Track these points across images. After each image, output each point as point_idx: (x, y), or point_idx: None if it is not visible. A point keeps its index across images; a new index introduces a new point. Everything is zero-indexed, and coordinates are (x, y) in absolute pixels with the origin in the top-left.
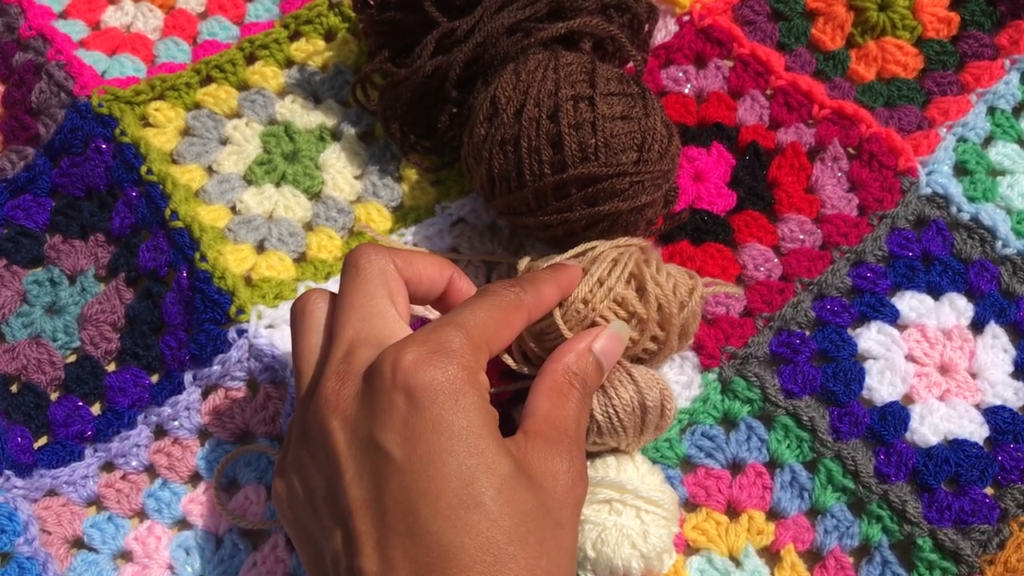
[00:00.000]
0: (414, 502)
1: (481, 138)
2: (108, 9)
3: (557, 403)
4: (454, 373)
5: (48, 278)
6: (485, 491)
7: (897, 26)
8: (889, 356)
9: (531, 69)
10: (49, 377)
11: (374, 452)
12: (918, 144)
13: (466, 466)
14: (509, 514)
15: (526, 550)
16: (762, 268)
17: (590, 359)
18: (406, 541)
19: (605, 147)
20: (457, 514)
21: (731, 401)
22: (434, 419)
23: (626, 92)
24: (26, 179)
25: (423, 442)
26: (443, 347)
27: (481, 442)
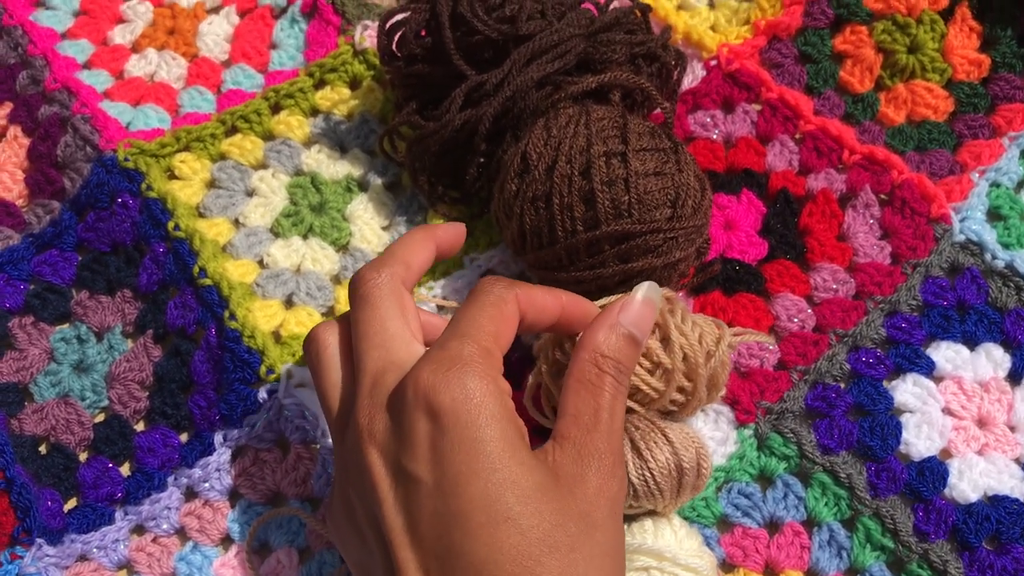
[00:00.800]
0: (447, 525)
1: (512, 194)
2: (132, 58)
3: (586, 397)
4: (473, 386)
5: (75, 335)
6: (512, 506)
7: (927, 68)
8: (926, 410)
9: (562, 125)
10: (78, 438)
11: (406, 479)
12: (950, 190)
13: (492, 483)
14: (538, 525)
15: (559, 558)
16: (796, 319)
17: (620, 333)
18: (444, 563)
19: (639, 204)
20: (487, 531)
21: (767, 457)
22: (458, 440)
23: (659, 147)
24: (52, 234)
25: (450, 464)
26: (456, 361)
27: (505, 456)
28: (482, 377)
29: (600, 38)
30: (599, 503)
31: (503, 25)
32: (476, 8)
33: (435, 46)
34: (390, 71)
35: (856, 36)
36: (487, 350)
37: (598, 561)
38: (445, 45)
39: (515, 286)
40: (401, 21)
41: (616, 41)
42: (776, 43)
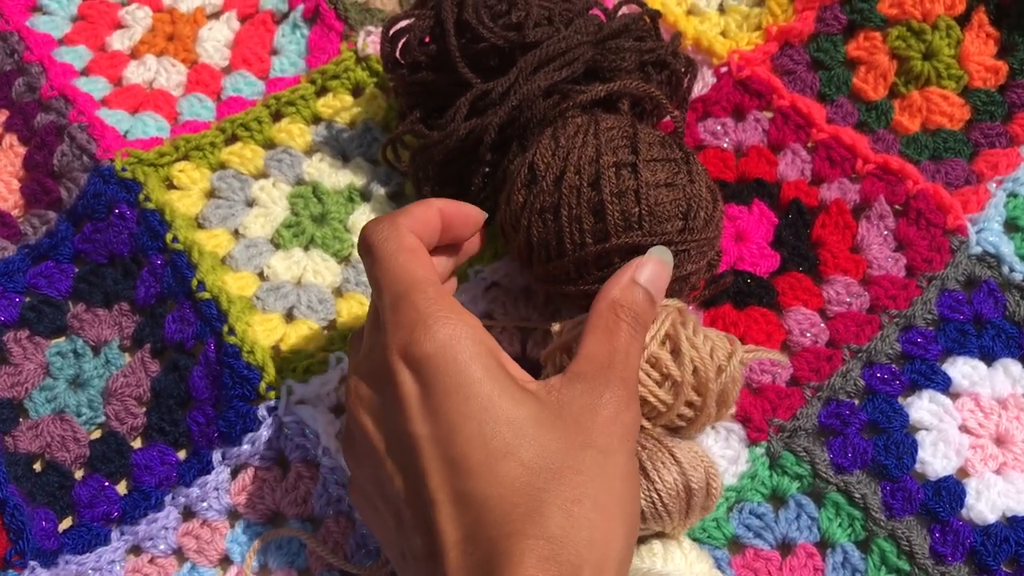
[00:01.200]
0: (447, 474)
1: (519, 205)
2: (130, 65)
3: (603, 339)
4: (443, 335)
5: (72, 349)
6: (510, 440)
7: (942, 75)
8: (942, 427)
9: (570, 134)
10: (74, 455)
11: (405, 440)
12: (967, 200)
13: (486, 422)
14: (538, 455)
15: (564, 484)
16: (808, 334)
17: (637, 291)
18: (451, 509)
19: (649, 215)
20: (487, 469)
21: (780, 477)
22: (444, 390)
23: (669, 157)
24: (48, 245)
25: (441, 414)
26: (417, 317)
27: (494, 394)
28: (445, 323)
29: (608, 45)
30: (611, 431)
31: (509, 32)
32: (482, 15)
33: (439, 53)
34: (393, 79)
35: (870, 42)
36: (436, 293)
37: (609, 484)
38: (450, 53)
39: (396, 220)
40: (405, 28)
41: (625, 48)
42: (788, 49)
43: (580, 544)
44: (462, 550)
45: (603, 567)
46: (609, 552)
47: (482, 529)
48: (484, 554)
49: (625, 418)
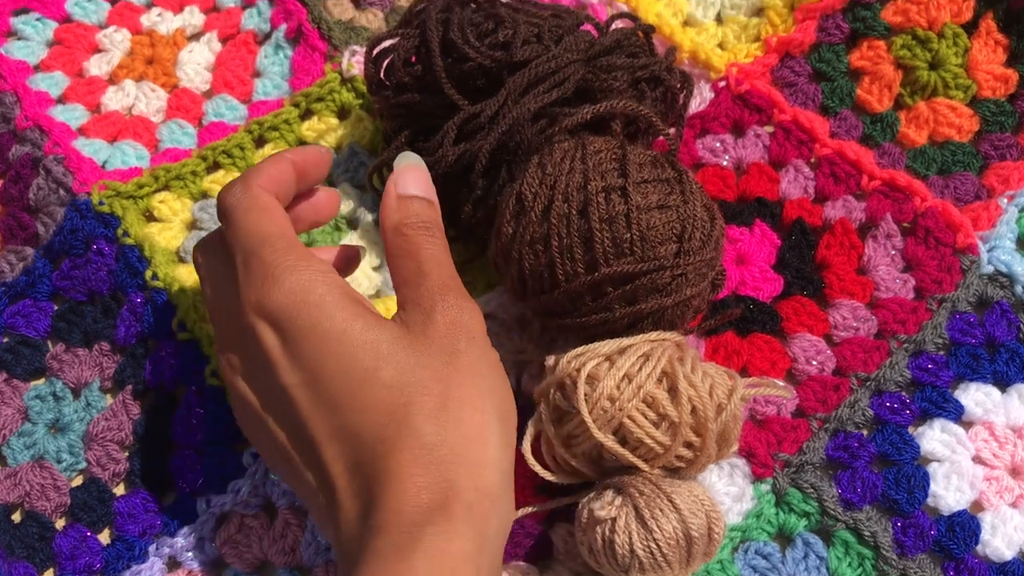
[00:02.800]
0: (318, 412)
1: (509, 238)
2: (108, 90)
3: (406, 262)
4: (291, 283)
5: (51, 392)
6: (368, 365)
7: (950, 85)
8: (955, 458)
9: (557, 161)
10: (54, 504)
11: (278, 393)
12: (977, 217)
13: (342, 356)
14: (396, 374)
15: (426, 393)
16: (814, 361)
17: (411, 203)
18: (329, 446)
19: (641, 240)
20: (353, 399)
21: (786, 514)
22: (301, 335)
23: (661, 178)
24: (26, 283)
25: (302, 359)
26: (263, 271)
27: (348, 326)
28: (292, 269)
29: (600, 63)
30: (455, 335)
31: (496, 52)
32: (467, 34)
33: (425, 74)
34: (378, 100)
35: (874, 52)
36: (285, 246)
37: (469, 381)
38: (436, 73)
39: (248, 180)
40: (389, 48)
41: (617, 66)
42: (788, 61)
43: (455, 443)
44: (348, 480)
45: (482, 459)
46: (486, 445)
47: (361, 454)
48: (366, 477)
49: (463, 318)
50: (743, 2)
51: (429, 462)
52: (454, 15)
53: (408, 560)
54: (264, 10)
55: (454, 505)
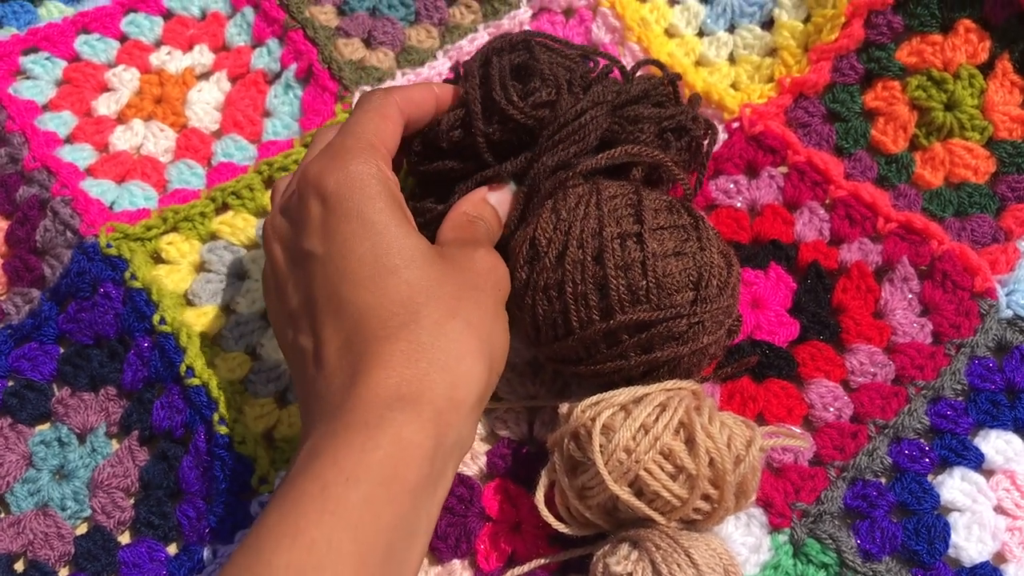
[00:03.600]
0: (336, 284)
1: (522, 283)
2: (117, 130)
3: (463, 231)
4: (355, 169)
5: (56, 437)
6: (399, 262)
7: (965, 126)
8: (976, 508)
9: (571, 206)
10: (58, 553)
11: (303, 257)
12: (995, 260)
13: (378, 244)
14: (422, 277)
15: (441, 303)
16: (831, 408)
17: (486, 207)
18: (334, 318)
19: (657, 288)
20: (373, 282)
21: (804, 566)
22: (344, 213)
23: (677, 224)
24: (31, 326)
25: (338, 234)
26: (339, 152)
27: (391, 226)
28: (364, 162)
29: (626, 113)
30: (487, 278)
31: (539, 111)
32: (510, 93)
33: (463, 140)
34: (409, 166)
35: (888, 92)
36: (370, 144)
37: (481, 313)
38: (475, 138)
39: (392, 92)
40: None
41: (644, 117)
42: (802, 101)
43: (447, 352)
44: (339, 353)
45: (463, 377)
46: (472, 367)
47: (359, 333)
48: (357, 355)
49: (498, 272)
50: (756, 42)
51: (418, 359)
52: (493, 69)
53: (374, 438)
54: (274, 49)
55: (424, 404)
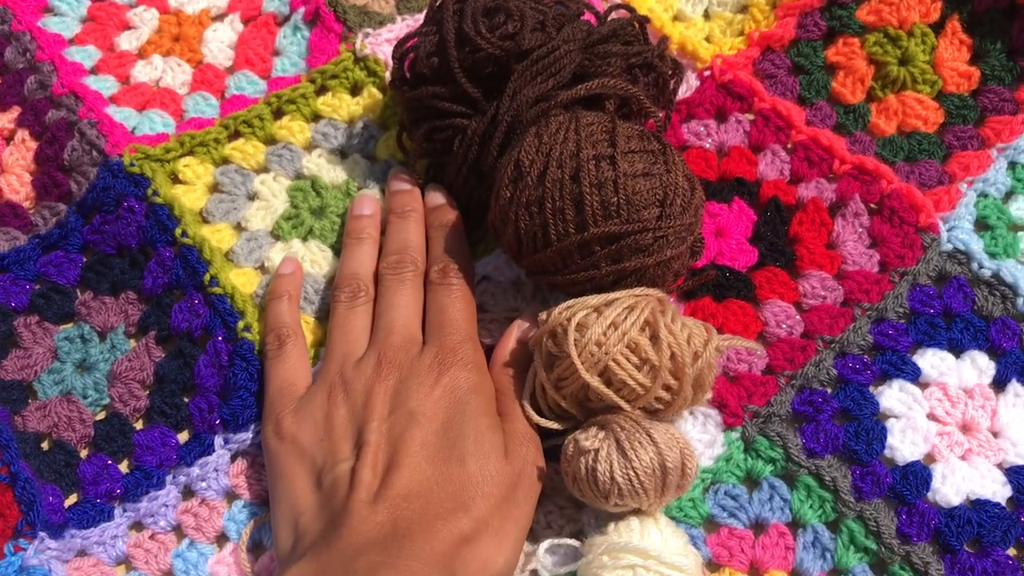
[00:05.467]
0: (437, 451)
1: (507, 200)
2: (137, 64)
3: (503, 399)
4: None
5: (79, 335)
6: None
7: (917, 80)
8: (911, 415)
9: (552, 132)
10: (79, 435)
11: (408, 411)
12: (939, 200)
13: (481, 438)
14: (495, 476)
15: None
16: (784, 325)
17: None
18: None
19: (627, 204)
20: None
21: (754, 460)
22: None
23: (647, 149)
24: (58, 236)
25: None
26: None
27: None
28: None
29: (597, 50)
30: (533, 474)
31: (506, 41)
32: (480, 26)
33: (441, 66)
34: (398, 95)
35: (848, 48)
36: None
37: (525, 507)
38: (450, 64)
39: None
40: (411, 47)
41: (613, 53)
42: (769, 54)
43: (479, 559)
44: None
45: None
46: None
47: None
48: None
49: (528, 465)
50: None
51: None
52: (467, 7)
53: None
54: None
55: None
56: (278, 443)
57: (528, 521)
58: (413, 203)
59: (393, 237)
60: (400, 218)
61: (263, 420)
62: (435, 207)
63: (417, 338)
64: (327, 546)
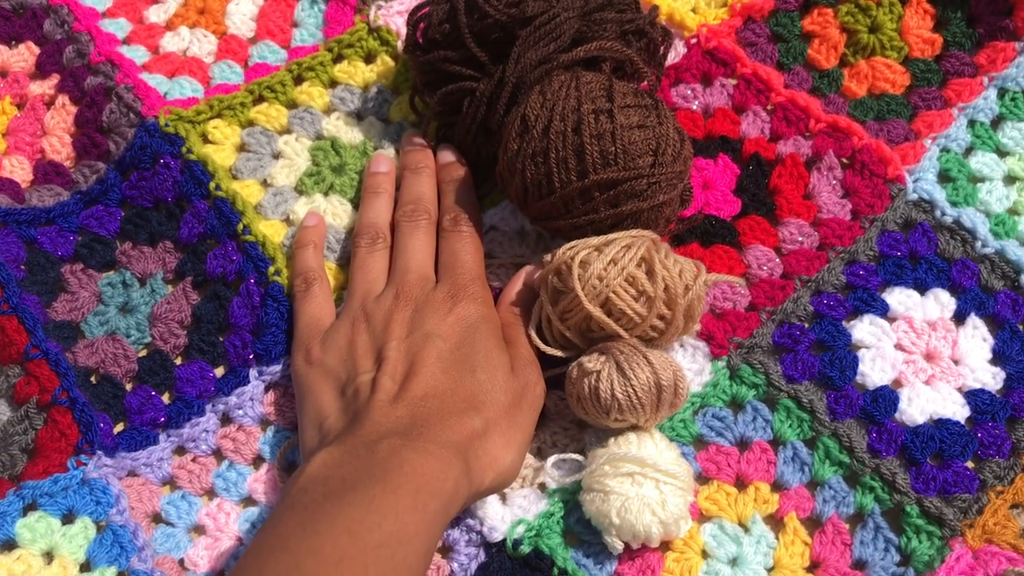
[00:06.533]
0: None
1: (514, 152)
2: (166, 35)
3: (508, 331)
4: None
5: (120, 280)
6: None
7: (886, 47)
8: (880, 345)
9: (555, 89)
10: (124, 369)
11: (425, 332)
12: (905, 154)
13: (491, 354)
14: (504, 388)
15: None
16: (765, 267)
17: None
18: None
19: (624, 153)
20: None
21: (738, 386)
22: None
23: (641, 104)
24: (98, 191)
25: (462, 345)
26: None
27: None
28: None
29: (594, 17)
30: (536, 390)
31: (511, 9)
32: None
33: (452, 31)
34: (412, 59)
35: (823, 17)
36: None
37: (528, 416)
38: (460, 29)
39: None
40: (424, 15)
41: (608, 20)
42: (751, 24)
43: (491, 452)
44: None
45: (495, 463)
46: (505, 462)
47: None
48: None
49: (535, 386)
50: None
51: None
52: None
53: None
54: None
55: (466, 479)
56: (307, 368)
57: (531, 431)
58: (426, 160)
59: (408, 190)
60: (414, 173)
61: (293, 351)
62: (446, 164)
63: (431, 277)
64: (351, 435)
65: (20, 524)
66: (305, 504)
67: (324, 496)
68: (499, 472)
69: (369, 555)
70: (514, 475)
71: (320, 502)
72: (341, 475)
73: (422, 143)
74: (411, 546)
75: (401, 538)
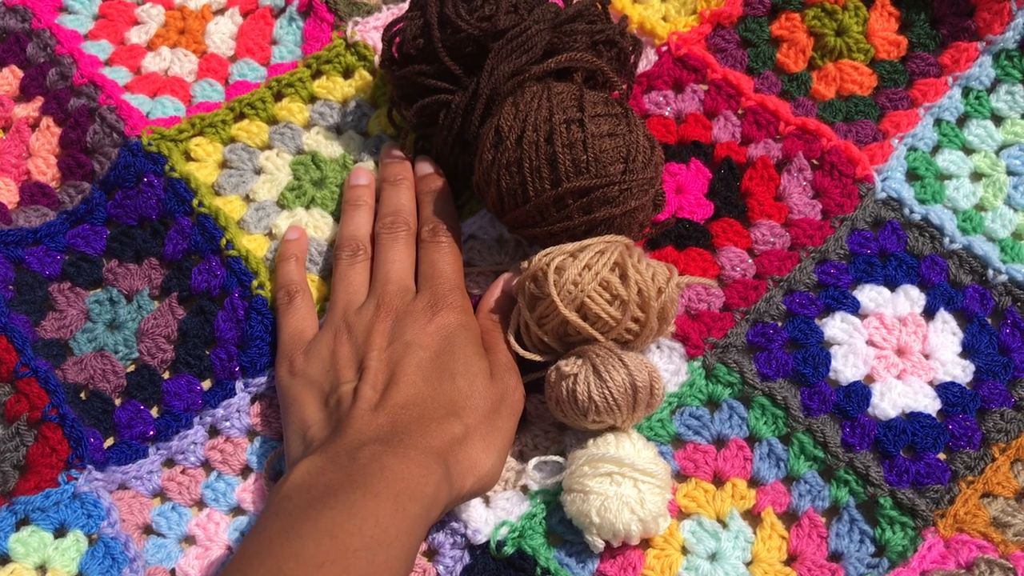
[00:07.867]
0: (430, 370)
1: (489, 163)
2: (147, 56)
3: (487, 337)
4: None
5: (108, 298)
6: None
7: (852, 49)
8: (852, 342)
9: (528, 100)
10: (113, 384)
11: (406, 341)
12: (874, 154)
13: (470, 361)
14: (483, 392)
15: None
16: (738, 268)
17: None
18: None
19: (595, 161)
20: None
21: (714, 385)
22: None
23: (611, 113)
24: (84, 210)
25: (442, 353)
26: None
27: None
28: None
29: (564, 29)
30: (515, 395)
31: (483, 23)
32: (460, 8)
33: (426, 46)
34: (388, 73)
35: (790, 22)
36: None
37: (508, 421)
38: (434, 44)
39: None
40: (398, 31)
41: (578, 31)
42: (720, 30)
43: (469, 459)
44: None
45: (474, 467)
46: (484, 465)
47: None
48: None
49: (514, 392)
50: None
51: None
52: None
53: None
54: None
55: (446, 483)
56: (291, 378)
57: (511, 436)
58: (404, 172)
59: (387, 202)
60: (393, 185)
61: (276, 363)
62: (424, 175)
63: (411, 288)
64: (334, 443)
65: (13, 539)
66: (288, 510)
67: (307, 502)
68: (479, 476)
69: (350, 558)
70: (495, 479)
71: (303, 508)
72: (324, 482)
73: (400, 155)
74: (392, 549)
75: (382, 541)
